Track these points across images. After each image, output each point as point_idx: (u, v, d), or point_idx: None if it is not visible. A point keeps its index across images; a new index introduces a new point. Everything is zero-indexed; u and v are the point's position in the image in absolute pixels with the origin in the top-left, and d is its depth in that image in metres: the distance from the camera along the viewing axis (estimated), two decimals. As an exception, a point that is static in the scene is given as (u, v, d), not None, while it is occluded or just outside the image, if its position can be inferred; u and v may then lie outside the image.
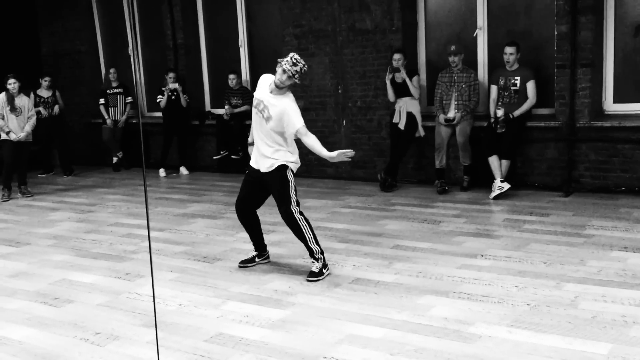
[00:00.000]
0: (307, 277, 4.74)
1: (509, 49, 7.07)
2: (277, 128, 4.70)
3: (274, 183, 4.78)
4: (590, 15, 6.79)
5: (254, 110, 4.83)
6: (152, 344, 3.75)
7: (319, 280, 4.69)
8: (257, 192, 4.98)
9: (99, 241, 6.18)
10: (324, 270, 4.78)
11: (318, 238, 4.87)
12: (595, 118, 6.98)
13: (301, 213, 4.78)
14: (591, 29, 6.80)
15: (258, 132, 4.80)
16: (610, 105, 7.17)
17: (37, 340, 3.94)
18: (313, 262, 4.79)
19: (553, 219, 6.01)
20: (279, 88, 4.68)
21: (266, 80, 4.84)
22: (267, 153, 4.76)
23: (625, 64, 7.07)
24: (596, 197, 6.75)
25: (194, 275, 5.01)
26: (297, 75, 4.62)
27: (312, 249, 4.77)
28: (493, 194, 6.94)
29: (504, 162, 7.05)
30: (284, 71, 4.60)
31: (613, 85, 7.12)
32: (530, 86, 7.08)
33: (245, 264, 5.14)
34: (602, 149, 6.90)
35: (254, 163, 4.90)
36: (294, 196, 4.75)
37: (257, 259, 5.19)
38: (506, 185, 6.93)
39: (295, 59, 4.62)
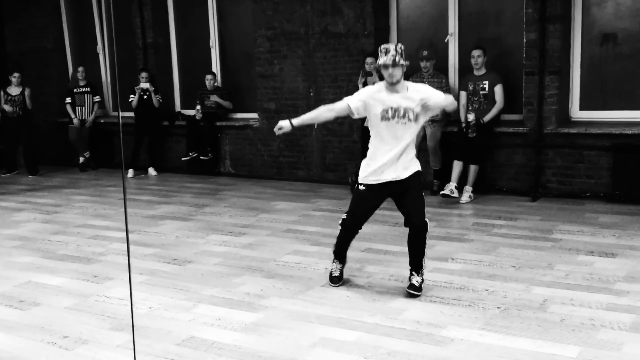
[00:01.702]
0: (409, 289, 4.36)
1: (475, 52, 7.19)
2: (422, 120, 4.34)
3: (414, 186, 4.44)
4: (559, 24, 6.92)
5: (387, 124, 4.33)
6: (122, 348, 3.70)
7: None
8: (375, 208, 4.68)
9: (66, 243, 6.06)
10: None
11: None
12: (562, 124, 7.11)
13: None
14: (559, 37, 6.93)
15: (397, 142, 4.31)
16: (576, 112, 7.31)
17: (3, 344, 3.84)
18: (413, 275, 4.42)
19: (521, 224, 6.10)
20: (394, 84, 4.29)
21: (373, 89, 4.48)
22: (405, 161, 4.37)
23: (591, 72, 7.21)
24: (563, 202, 6.87)
25: (164, 277, 4.95)
26: (389, 62, 4.24)
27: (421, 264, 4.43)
28: (463, 199, 7.02)
29: (473, 167, 7.13)
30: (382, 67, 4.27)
31: (579, 92, 7.26)
32: (498, 90, 7.19)
33: (337, 283, 4.64)
34: (569, 155, 7.03)
35: (390, 175, 4.41)
36: None
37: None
38: (456, 193, 7.03)
39: (382, 49, 4.30)
